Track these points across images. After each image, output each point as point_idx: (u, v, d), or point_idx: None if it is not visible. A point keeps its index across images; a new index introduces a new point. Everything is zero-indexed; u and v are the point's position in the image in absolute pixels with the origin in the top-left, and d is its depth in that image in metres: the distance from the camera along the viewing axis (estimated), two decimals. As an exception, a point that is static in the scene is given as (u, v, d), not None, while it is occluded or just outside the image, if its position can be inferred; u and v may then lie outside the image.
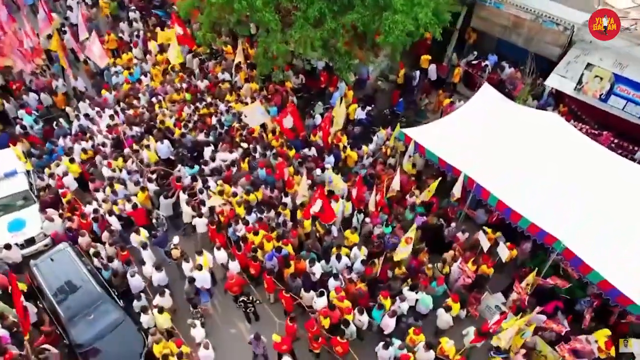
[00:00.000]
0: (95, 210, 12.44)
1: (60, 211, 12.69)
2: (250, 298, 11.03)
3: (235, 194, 12.79)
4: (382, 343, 9.87)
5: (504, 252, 11.10)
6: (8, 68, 17.17)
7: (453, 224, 12.41)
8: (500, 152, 11.93)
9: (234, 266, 11.25)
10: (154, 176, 13.65)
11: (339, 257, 11.30)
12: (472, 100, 13.95)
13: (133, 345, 10.25)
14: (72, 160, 13.76)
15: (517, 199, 11.01)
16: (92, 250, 11.81)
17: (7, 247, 11.73)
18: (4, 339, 9.70)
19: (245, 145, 14.50)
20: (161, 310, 10.44)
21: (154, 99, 16.19)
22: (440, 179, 12.46)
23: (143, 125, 15.17)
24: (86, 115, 15.46)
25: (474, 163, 11.88)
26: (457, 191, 12.07)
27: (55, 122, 15.58)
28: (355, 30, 13.18)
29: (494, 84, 15.30)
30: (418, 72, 17.21)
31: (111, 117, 15.13)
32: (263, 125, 15.21)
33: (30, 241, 12.24)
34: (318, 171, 13.66)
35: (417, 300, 10.83)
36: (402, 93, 17.04)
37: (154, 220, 12.76)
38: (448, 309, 10.47)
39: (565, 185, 11.03)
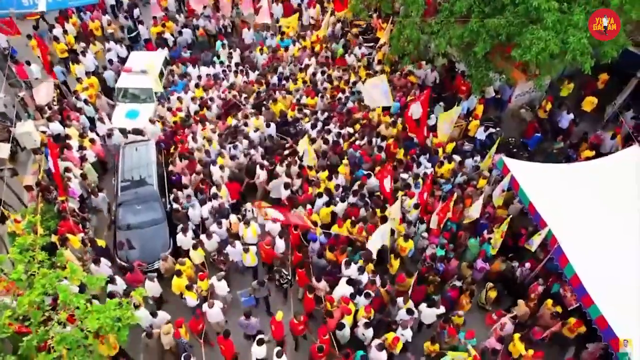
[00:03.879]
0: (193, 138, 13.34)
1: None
2: (283, 274, 10.84)
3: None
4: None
5: None
6: None
7: (527, 264, 10.75)
8: (605, 225, 9.73)
9: (280, 244, 11.01)
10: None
11: (361, 270, 10.32)
12: (609, 158, 11.65)
13: (158, 248, 10.98)
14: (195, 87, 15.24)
15: (597, 282, 8.99)
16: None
17: (109, 135, 13.42)
18: (72, 192, 11.37)
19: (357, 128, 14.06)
20: (196, 246, 10.68)
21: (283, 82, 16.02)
22: (510, 218, 10.80)
23: (249, 99, 15.11)
24: (221, 64, 16.44)
25: (567, 223, 9.94)
26: (533, 244, 10.31)
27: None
28: (499, 39, 11.83)
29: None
30: (566, 114, 14.66)
31: (235, 73, 15.74)
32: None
33: (137, 132, 13.61)
34: (405, 175, 12.75)
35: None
36: (541, 128, 14.88)
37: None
38: None
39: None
